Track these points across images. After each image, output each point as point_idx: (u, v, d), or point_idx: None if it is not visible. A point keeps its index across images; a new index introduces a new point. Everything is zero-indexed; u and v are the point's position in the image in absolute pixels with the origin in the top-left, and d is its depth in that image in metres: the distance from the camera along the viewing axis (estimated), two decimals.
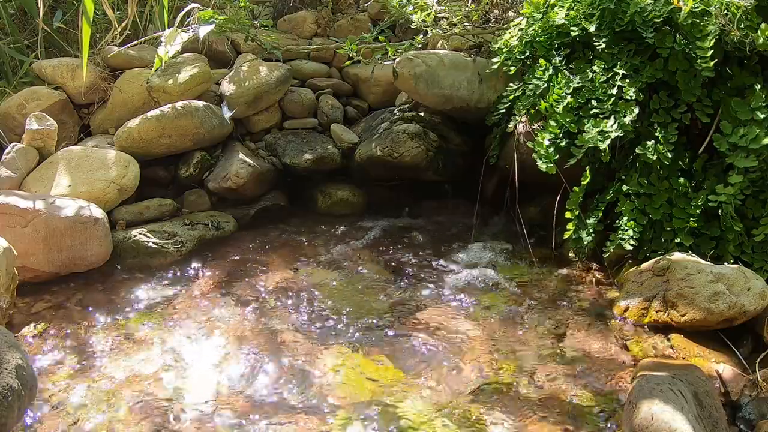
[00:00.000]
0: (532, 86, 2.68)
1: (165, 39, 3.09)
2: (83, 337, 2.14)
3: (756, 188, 2.30)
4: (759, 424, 1.72)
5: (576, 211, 2.49)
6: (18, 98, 3.14)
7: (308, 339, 2.15)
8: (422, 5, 3.23)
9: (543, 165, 2.51)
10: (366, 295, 2.45)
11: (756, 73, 2.35)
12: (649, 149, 2.35)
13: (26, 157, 2.74)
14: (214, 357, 2.05)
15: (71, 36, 3.61)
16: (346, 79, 3.75)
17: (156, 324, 2.23)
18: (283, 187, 3.28)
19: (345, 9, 4.25)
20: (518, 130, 2.77)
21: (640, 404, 1.59)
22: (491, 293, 2.46)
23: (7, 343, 1.76)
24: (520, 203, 2.83)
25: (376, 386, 1.91)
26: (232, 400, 1.84)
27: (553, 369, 1.98)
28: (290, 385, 1.91)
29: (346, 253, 2.82)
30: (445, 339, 2.15)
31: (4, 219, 2.35)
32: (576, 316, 2.30)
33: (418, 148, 3.04)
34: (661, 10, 2.37)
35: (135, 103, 3.22)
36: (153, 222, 2.82)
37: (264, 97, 3.28)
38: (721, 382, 1.88)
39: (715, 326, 2.06)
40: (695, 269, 2.12)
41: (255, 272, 2.63)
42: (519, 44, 2.84)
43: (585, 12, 2.60)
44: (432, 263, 2.72)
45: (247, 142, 3.35)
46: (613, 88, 2.44)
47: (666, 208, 2.37)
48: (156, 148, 2.97)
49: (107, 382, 1.91)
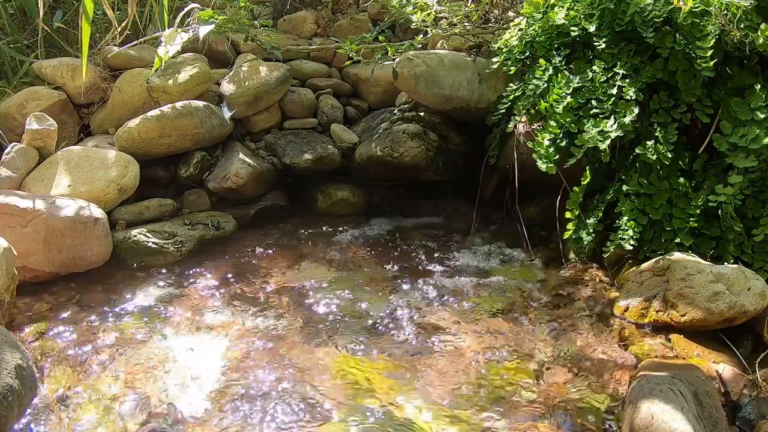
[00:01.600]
0: (532, 86, 2.68)
1: (165, 39, 3.10)
2: (83, 337, 2.14)
3: (756, 188, 2.30)
4: (759, 424, 1.72)
5: (576, 211, 2.49)
6: (18, 98, 3.14)
7: (308, 338, 2.15)
8: (422, 5, 3.23)
9: (543, 165, 2.51)
10: (366, 295, 2.45)
11: (756, 73, 2.35)
12: (649, 149, 2.35)
13: (26, 157, 2.75)
14: (214, 357, 2.05)
15: (71, 36, 3.61)
16: (346, 79, 3.75)
17: (156, 324, 2.24)
18: (283, 187, 3.28)
19: (345, 9, 4.25)
20: (518, 130, 2.77)
21: (640, 404, 1.59)
22: (491, 293, 2.47)
23: (7, 343, 1.76)
24: (520, 203, 2.84)
25: (376, 386, 1.91)
26: (232, 400, 1.84)
27: (553, 369, 1.98)
28: (290, 385, 1.91)
29: (346, 253, 2.83)
30: (444, 339, 2.15)
31: (4, 219, 2.35)
32: (576, 316, 2.30)
33: (418, 148, 3.04)
34: (661, 10, 2.37)
35: (135, 103, 3.22)
36: (153, 222, 2.82)
37: (264, 97, 3.28)
38: (721, 382, 1.88)
39: (715, 326, 2.06)
40: (695, 269, 2.12)
41: (255, 272, 2.63)
42: (519, 44, 2.84)
43: (585, 12, 2.60)
44: (432, 263, 2.72)
45: (247, 142, 3.35)
46: (613, 88, 2.44)
47: (666, 208, 2.37)
48: (156, 148, 2.97)
49: (107, 382, 1.91)
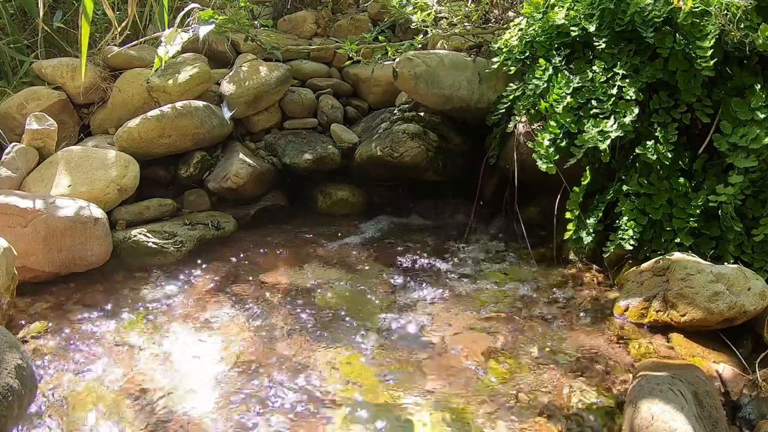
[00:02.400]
0: (532, 86, 2.68)
1: (165, 39, 3.09)
2: (83, 337, 2.14)
3: (756, 188, 2.30)
4: (759, 424, 1.72)
5: (576, 211, 2.49)
6: (18, 98, 3.14)
7: (308, 338, 2.15)
8: (422, 5, 3.23)
9: (543, 165, 2.51)
10: (366, 295, 2.45)
11: (756, 73, 2.35)
12: (649, 149, 2.35)
13: (26, 157, 2.75)
14: (214, 357, 2.05)
15: (71, 36, 3.61)
16: (346, 79, 3.75)
17: (156, 324, 2.24)
18: (283, 187, 3.28)
19: (345, 9, 4.25)
20: (518, 130, 2.77)
21: (640, 404, 1.59)
22: (491, 293, 2.47)
23: (7, 343, 1.76)
24: (520, 203, 2.83)
25: (376, 385, 1.91)
26: (232, 401, 1.84)
27: (553, 369, 1.98)
28: (290, 385, 1.91)
29: (346, 253, 2.83)
30: (444, 339, 2.15)
31: (4, 219, 2.35)
32: (576, 316, 2.30)
33: (418, 148, 3.04)
34: (661, 10, 2.37)
35: (135, 103, 3.22)
36: (153, 222, 2.82)
37: (264, 97, 3.28)
38: (721, 382, 1.88)
39: (715, 326, 2.06)
40: (695, 269, 2.12)
41: (255, 272, 2.63)
42: (519, 44, 2.84)
43: (585, 12, 2.60)
44: (432, 263, 2.72)
45: (247, 142, 3.35)
46: (613, 88, 2.44)
47: (666, 208, 2.37)
48: (156, 148, 2.97)
49: (107, 383, 1.91)
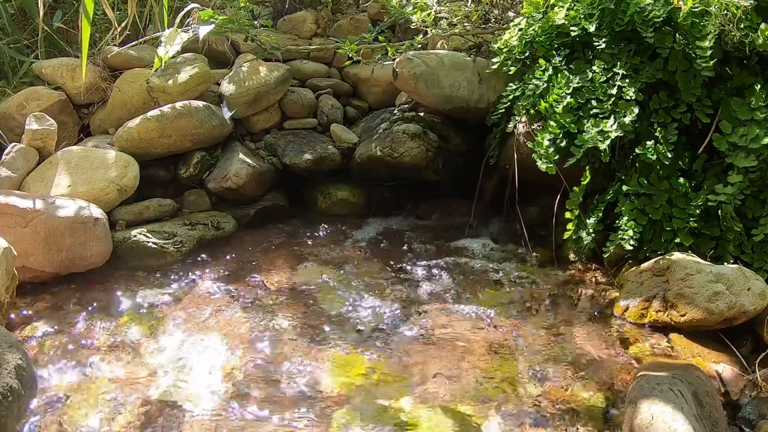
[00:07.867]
0: (532, 86, 2.68)
1: (165, 39, 3.09)
2: (83, 338, 2.14)
3: (756, 188, 2.30)
4: (759, 424, 1.72)
5: (576, 211, 2.49)
6: (18, 98, 3.13)
7: (308, 338, 2.15)
8: (422, 5, 3.23)
9: (543, 165, 2.51)
10: (366, 295, 2.45)
11: (756, 73, 2.35)
12: (649, 149, 2.35)
13: (26, 157, 2.74)
14: (214, 357, 2.05)
15: (71, 36, 3.61)
16: (346, 79, 3.75)
17: (156, 324, 2.23)
18: (283, 187, 3.27)
19: (345, 9, 4.25)
20: (518, 130, 2.77)
21: (640, 404, 1.59)
22: (491, 293, 2.47)
23: (7, 343, 1.76)
24: (520, 203, 2.83)
25: (376, 385, 1.91)
26: (232, 401, 1.84)
27: (553, 369, 1.98)
28: (290, 385, 1.91)
29: (346, 253, 2.83)
30: (444, 339, 2.15)
31: (4, 219, 2.35)
32: (576, 316, 2.30)
33: (418, 148, 3.04)
34: (661, 10, 2.37)
35: (135, 103, 3.22)
36: (153, 222, 2.82)
37: (264, 97, 3.28)
38: (721, 382, 1.88)
39: (715, 326, 2.06)
40: (695, 269, 2.12)
41: (255, 272, 2.63)
42: (519, 44, 2.84)
43: (585, 12, 2.60)
44: (431, 263, 2.72)
45: (247, 142, 3.34)
46: (613, 88, 2.44)
47: (666, 208, 2.37)
48: (156, 148, 2.97)
49: (107, 383, 1.91)
